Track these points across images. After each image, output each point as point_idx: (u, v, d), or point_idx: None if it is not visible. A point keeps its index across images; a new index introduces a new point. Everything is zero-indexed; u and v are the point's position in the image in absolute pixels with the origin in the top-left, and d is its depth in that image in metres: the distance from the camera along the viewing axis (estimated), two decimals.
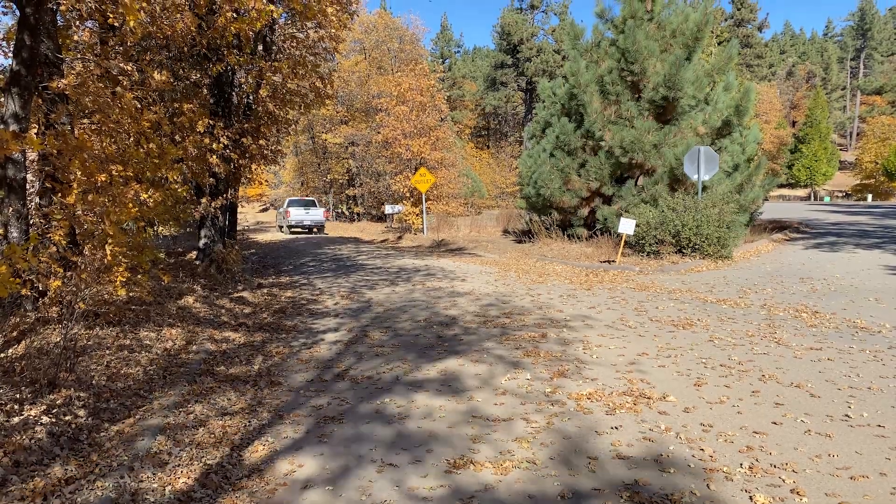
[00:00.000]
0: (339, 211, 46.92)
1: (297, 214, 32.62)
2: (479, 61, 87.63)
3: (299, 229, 33.34)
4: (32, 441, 4.15)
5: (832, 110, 78.28)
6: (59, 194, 6.85)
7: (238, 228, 20.22)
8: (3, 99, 6.61)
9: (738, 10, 73.85)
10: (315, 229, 33.09)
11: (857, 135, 79.80)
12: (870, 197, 55.83)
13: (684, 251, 14.50)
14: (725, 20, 72.87)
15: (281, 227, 35.51)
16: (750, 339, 7.12)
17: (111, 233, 6.61)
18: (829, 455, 4.05)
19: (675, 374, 5.90)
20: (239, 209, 25.17)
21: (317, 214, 32.93)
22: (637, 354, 6.64)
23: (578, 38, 19.64)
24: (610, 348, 6.94)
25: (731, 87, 17.67)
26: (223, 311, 9.60)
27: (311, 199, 36.03)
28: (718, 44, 51.40)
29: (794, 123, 75.67)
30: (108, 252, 6.35)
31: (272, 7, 9.97)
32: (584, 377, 5.90)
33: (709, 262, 14.00)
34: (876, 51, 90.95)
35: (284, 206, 34.79)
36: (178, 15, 8.00)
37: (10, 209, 5.97)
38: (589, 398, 5.29)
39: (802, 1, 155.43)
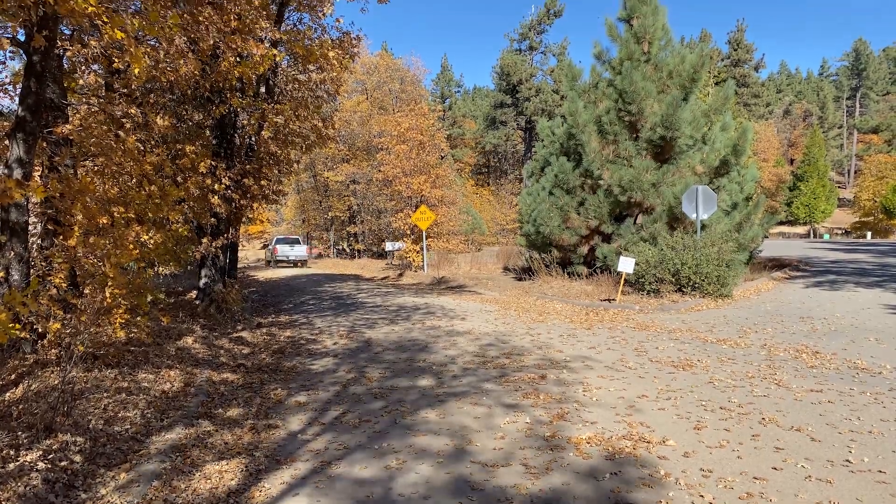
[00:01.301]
0: (340, 248, 47.06)
1: (284, 251, 37.26)
2: (479, 101, 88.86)
3: (285, 263, 37.48)
4: (28, 488, 4.12)
5: (829, 148, 78.92)
6: (61, 237, 6.91)
7: (239, 266, 20.28)
8: (7, 142, 6.72)
9: (735, 50, 75.08)
10: (299, 263, 37.36)
11: (855, 172, 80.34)
12: (869, 234, 55.96)
13: (684, 290, 14.51)
14: (722, 60, 74.10)
15: (269, 261, 39.62)
16: (750, 381, 7.09)
17: (112, 275, 6.64)
18: (830, 502, 4.01)
19: (674, 417, 5.87)
20: (240, 247, 25.30)
21: (300, 251, 37.69)
22: (637, 396, 6.61)
23: (576, 79, 19.94)
24: (610, 390, 6.91)
25: (729, 126, 17.90)
26: (222, 351, 9.58)
27: (295, 237, 41.21)
28: (716, 83, 52.16)
29: (792, 161, 76.21)
30: (108, 294, 6.37)
31: (275, 51, 10.14)
32: (584, 420, 5.86)
33: (709, 300, 14.00)
34: (871, 90, 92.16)
35: (273, 243, 39.23)
36: (182, 60, 8.15)
37: (12, 253, 6.02)
38: (588, 442, 5.26)
39: (798, 41, 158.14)
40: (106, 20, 5.27)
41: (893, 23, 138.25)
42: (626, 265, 14.09)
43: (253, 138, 13.37)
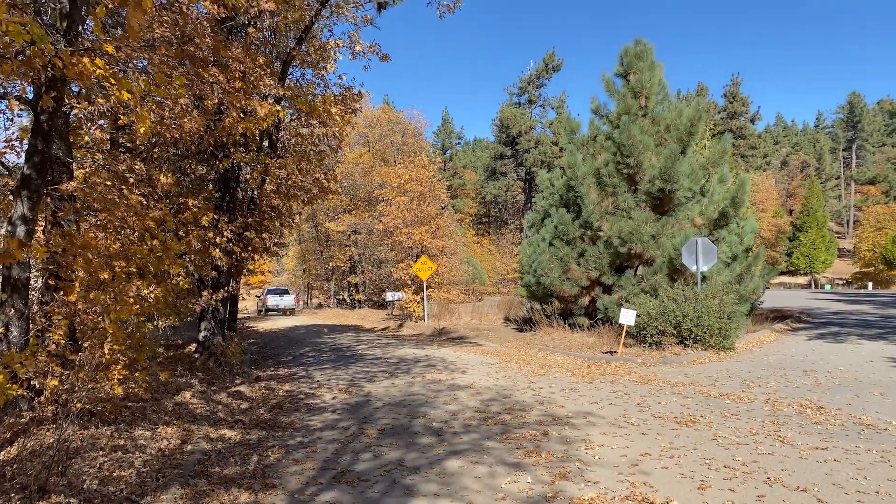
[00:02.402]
0: (341, 298, 46.99)
1: (273, 300, 41.11)
2: (480, 152, 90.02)
3: (275, 311, 41.18)
4: None
5: (828, 199, 79.55)
6: (62, 292, 6.92)
7: (239, 317, 20.23)
8: (10, 198, 6.80)
9: (731, 103, 76.37)
10: (287, 312, 41.15)
11: (854, 223, 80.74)
12: (870, 285, 55.88)
13: (686, 342, 14.42)
14: (718, 113, 75.26)
15: (260, 310, 43.04)
16: (754, 438, 6.99)
17: (111, 330, 6.63)
18: None
19: (678, 476, 5.77)
20: (241, 298, 25.28)
21: (289, 300, 41.58)
22: (640, 454, 6.51)
23: (575, 132, 20.26)
24: (612, 448, 6.81)
25: (727, 179, 18.09)
26: (220, 406, 9.48)
27: (284, 288, 45.17)
28: (713, 136, 52.84)
29: (791, 212, 76.72)
30: (107, 350, 6.35)
31: (278, 108, 10.30)
32: (587, 480, 5.76)
33: (711, 353, 13.90)
34: (867, 142, 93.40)
35: (264, 294, 42.95)
36: (187, 117, 8.31)
37: (12, 310, 6.02)
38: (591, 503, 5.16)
39: (793, 93, 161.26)
40: (113, 82, 5.40)
41: (886, 76, 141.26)
42: (627, 317, 14.05)
43: (255, 191, 13.50)
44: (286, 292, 42.79)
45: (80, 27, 7.08)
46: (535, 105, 65.99)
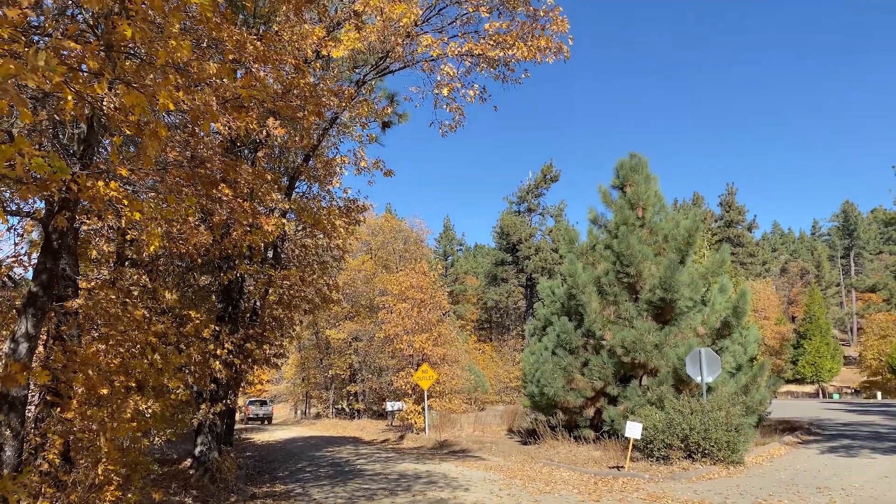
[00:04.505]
0: (340, 407, 46.05)
1: (255, 409, 46.38)
2: (481, 258, 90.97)
3: (256, 420, 45.77)
4: None
5: (829, 306, 79.43)
6: (59, 409, 6.84)
7: (235, 427, 19.77)
8: (14, 313, 6.84)
9: (727, 211, 77.99)
10: (266, 420, 46.19)
11: (858, 330, 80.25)
12: (879, 394, 54.83)
13: (694, 455, 14.02)
14: (715, 221, 76.75)
15: (243, 419, 45.24)
16: None
17: (106, 449, 6.50)
18: None
19: None
20: (238, 413, 24.85)
21: (267, 410, 47.16)
22: None
23: (574, 241, 20.59)
24: None
25: (727, 288, 18.21)
26: None
27: (264, 399, 49.68)
28: (712, 244, 53.63)
29: (793, 319, 76.47)
30: (101, 471, 6.20)
31: (284, 221, 10.55)
32: None
33: (720, 467, 13.48)
34: (864, 249, 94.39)
35: (245, 404, 46.28)
36: (195, 232, 8.50)
37: (8, 430, 5.93)
38: None
39: (788, 200, 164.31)
40: (126, 203, 5.58)
41: (879, 184, 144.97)
42: (633, 430, 13.74)
43: (258, 302, 13.58)
44: (265, 403, 48.53)
45: (96, 148, 7.40)
46: (534, 213, 67.32)
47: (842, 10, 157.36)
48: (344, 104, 11.71)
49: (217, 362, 11.17)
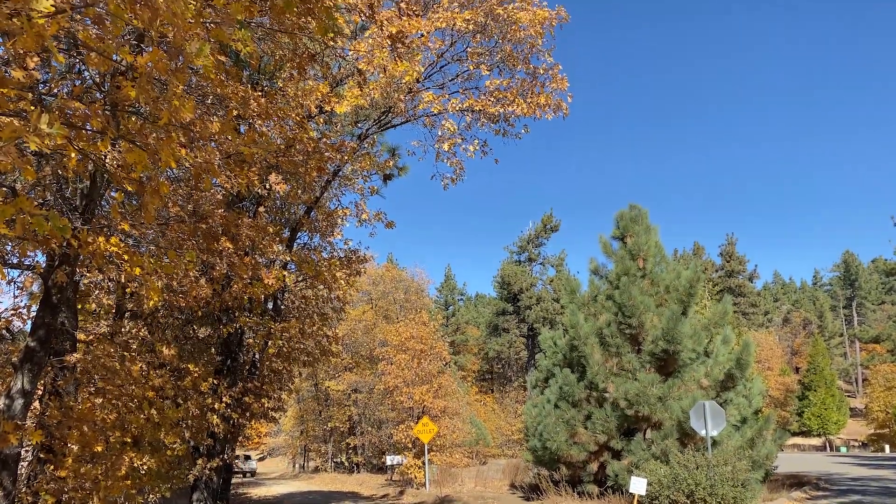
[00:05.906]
0: (339, 461, 45.21)
1: (238, 464, 44.22)
2: (482, 308, 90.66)
3: (240, 475, 44.82)
4: None
5: (833, 356, 78.76)
6: (52, 466, 6.70)
7: (233, 481, 19.35)
8: (9, 369, 6.77)
9: (728, 262, 78.11)
10: (249, 474, 47.04)
11: (863, 380, 79.38)
12: (887, 448, 53.89)
13: None
14: (716, 271, 76.73)
15: None
16: None
17: None
18: None
19: None
20: (235, 466, 24.39)
21: (251, 464, 48.40)
22: None
23: (575, 291, 20.53)
24: None
25: (730, 339, 18.07)
26: None
27: (248, 454, 50.45)
28: (713, 295, 53.53)
29: (797, 369, 75.68)
30: None
31: (285, 272, 10.53)
32: None
33: None
34: (866, 300, 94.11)
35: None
36: (195, 286, 8.49)
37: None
38: None
39: (788, 250, 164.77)
40: (126, 258, 5.58)
41: (879, 235, 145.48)
42: (638, 486, 13.45)
43: (257, 355, 13.47)
44: (249, 457, 49.81)
45: (98, 202, 7.45)
46: (535, 263, 67.41)
47: (843, 60, 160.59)
48: (346, 158, 11.85)
49: (215, 416, 11.02)
